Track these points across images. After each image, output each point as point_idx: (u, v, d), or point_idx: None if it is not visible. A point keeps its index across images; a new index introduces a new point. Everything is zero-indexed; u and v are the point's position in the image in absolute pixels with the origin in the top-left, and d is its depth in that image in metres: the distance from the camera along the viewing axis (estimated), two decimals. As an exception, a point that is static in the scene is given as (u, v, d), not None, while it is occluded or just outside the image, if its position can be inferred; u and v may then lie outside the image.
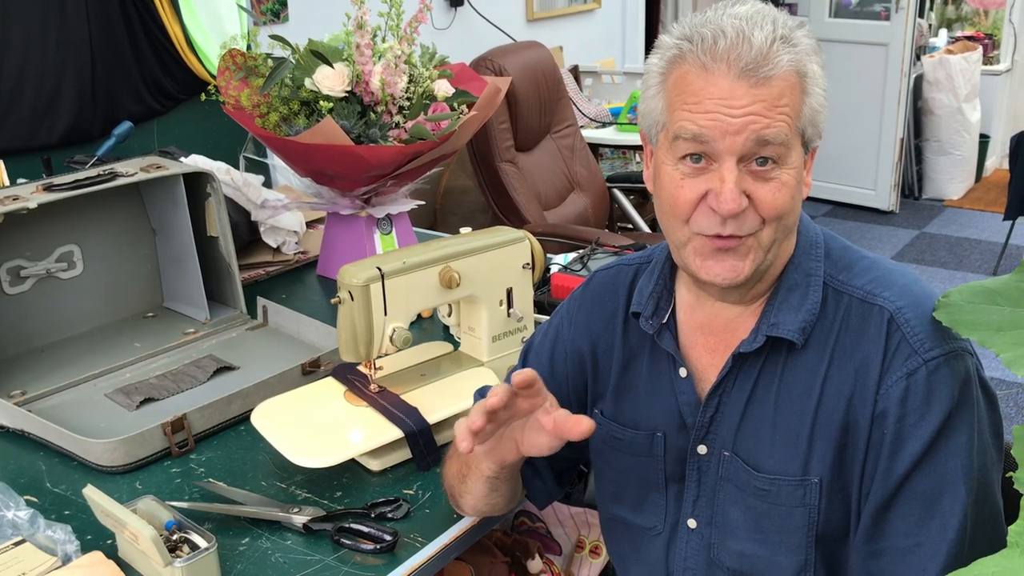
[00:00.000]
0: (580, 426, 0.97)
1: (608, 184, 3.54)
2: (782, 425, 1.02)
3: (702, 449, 1.08)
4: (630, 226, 3.63)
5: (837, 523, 1.02)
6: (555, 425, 0.99)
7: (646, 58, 1.04)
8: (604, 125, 3.99)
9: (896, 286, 1.01)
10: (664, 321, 1.10)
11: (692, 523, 1.11)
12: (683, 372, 1.09)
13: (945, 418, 0.96)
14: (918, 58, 5.49)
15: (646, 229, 3.60)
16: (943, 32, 6.11)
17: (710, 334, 1.08)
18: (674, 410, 1.09)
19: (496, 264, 1.45)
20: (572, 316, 1.21)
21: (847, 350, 1.00)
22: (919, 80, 5.55)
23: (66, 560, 1.13)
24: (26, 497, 1.26)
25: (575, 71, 4.26)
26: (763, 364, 1.04)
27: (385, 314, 1.34)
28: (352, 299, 1.31)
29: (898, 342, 0.98)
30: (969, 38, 5.95)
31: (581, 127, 3.64)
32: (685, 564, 1.12)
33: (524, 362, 1.25)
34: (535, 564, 1.71)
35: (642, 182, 3.63)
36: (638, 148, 4.14)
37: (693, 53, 0.94)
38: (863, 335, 1.00)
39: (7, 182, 1.97)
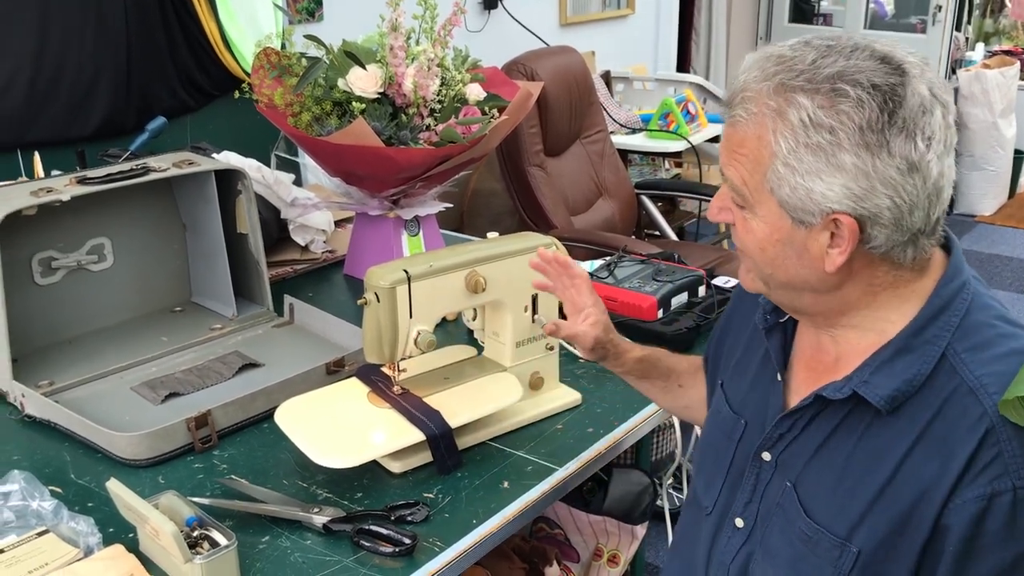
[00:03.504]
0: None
1: (636, 191, 3.53)
2: (847, 480, 0.97)
3: (766, 456, 1.06)
4: (657, 233, 3.62)
5: None
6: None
7: (678, 65, 1.06)
8: (634, 131, 3.98)
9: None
10: (783, 320, 1.09)
11: (739, 523, 1.09)
12: (778, 376, 1.08)
13: None
14: (953, 72, 5.43)
15: (673, 237, 3.59)
16: (980, 46, 6.04)
17: (819, 351, 1.05)
18: (763, 407, 1.09)
19: (523, 270, 1.44)
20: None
21: (937, 437, 0.92)
22: (954, 94, 5.49)
23: (88, 552, 1.14)
24: (50, 487, 1.27)
25: (607, 76, 4.25)
26: (847, 414, 0.98)
27: (410, 316, 1.34)
28: (378, 301, 1.31)
29: (992, 457, 0.88)
30: (1007, 52, 5.88)
31: (611, 133, 3.63)
32: (721, 559, 1.11)
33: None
34: (552, 571, 1.70)
35: (670, 189, 3.63)
36: (667, 155, 4.12)
37: None
38: (956, 430, 0.91)
39: (42, 173, 1.99)
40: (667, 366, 1.35)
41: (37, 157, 2.02)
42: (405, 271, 1.32)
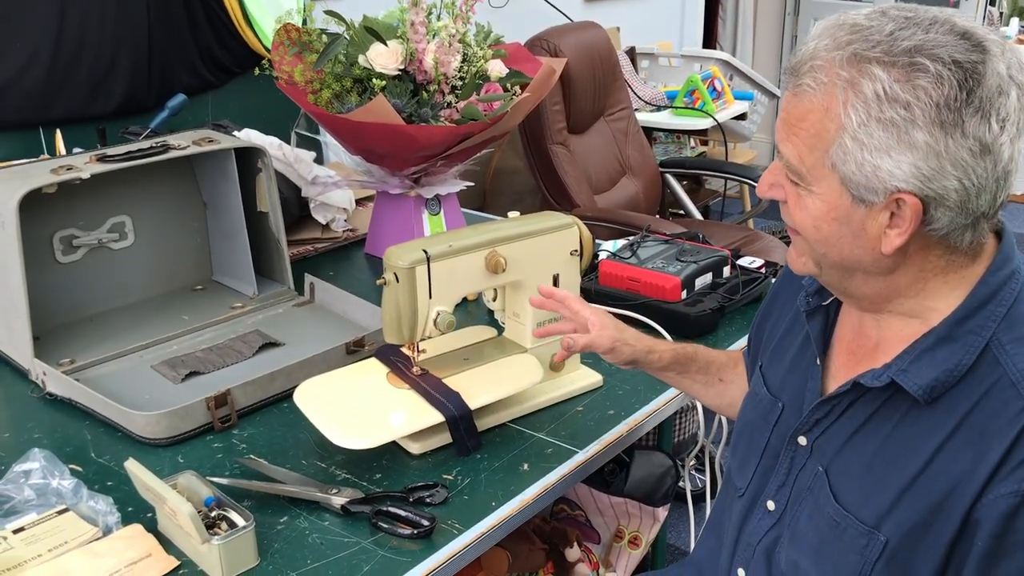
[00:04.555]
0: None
1: (661, 169, 3.48)
2: (878, 469, 0.95)
3: (802, 440, 1.04)
4: (681, 212, 3.58)
5: None
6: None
7: (704, 41, 1.02)
8: (659, 108, 3.93)
9: None
10: (826, 303, 1.07)
11: (771, 505, 1.08)
12: (817, 360, 1.06)
13: None
14: (986, 47, 5.32)
15: (698, 216, 3.55)
16: (1015, 21, 5.91)
17: (860, 335, 1.03)
18: (801, 391, 1.07)
19: (543, 250, 1.42)
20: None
21: (974, 430, 0.89)
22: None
23: (107, 531, 1.14)
24: (71, 466, 1.27)
25: (632, 53, 4.20)
26: (884, 402, 0.96)
27: (430, 297, 1.32)
28: (397, 281, 1.30)
29: None
30: (1041, 28, 5.76)
31: (636, 110, 3.58)
32: (749, 541, 1.10)
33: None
34: (573, 552, 1.70)
35: (695, 168, 3.59)
36: (692, 133, 4.07)
37: None
38: (994, 423, 0.88)
39: (63, 151, 1.99)
40: (705, 359, 1.33)
41: (59, 134, 2.02)
42: (424, 251, 1.31)
